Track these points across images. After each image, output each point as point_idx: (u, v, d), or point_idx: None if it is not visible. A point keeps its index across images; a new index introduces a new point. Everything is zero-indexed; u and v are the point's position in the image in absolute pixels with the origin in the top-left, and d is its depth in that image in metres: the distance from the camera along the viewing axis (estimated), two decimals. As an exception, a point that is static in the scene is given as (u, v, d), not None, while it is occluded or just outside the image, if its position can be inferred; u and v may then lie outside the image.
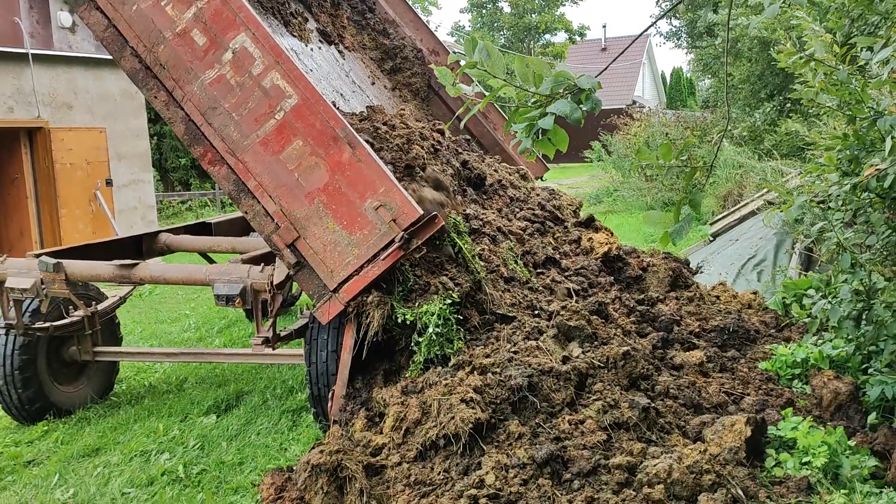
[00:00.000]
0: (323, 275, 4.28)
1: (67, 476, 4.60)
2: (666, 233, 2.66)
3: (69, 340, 5.66)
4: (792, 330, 5.76)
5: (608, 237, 6.16)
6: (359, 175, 4.21)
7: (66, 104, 12.01)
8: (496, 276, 4.86)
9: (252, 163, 4.36)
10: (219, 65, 4.38)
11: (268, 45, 4.33)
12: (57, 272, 5.24)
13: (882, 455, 3.74)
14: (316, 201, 4.27)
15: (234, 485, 4.28)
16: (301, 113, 4.28)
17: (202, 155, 4.48)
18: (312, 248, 4.29)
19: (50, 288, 5.24)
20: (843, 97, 4.25)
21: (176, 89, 4.46)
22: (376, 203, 4.18)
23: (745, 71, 15.29)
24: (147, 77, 4.51)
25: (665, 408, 4.14)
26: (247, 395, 5.85)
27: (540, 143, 2.31)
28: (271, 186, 4.34)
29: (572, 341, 4.43)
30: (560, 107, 2.17)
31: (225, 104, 4.38)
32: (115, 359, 5.90)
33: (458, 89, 2.38)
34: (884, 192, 4.09)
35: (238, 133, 4.37)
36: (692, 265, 6.82)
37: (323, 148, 4.26)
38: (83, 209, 11.93)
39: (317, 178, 4.27)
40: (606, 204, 17.91)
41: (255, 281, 4.82)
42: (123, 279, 5.31)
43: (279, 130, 4.31)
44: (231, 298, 4.81)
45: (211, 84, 4.39)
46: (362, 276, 4.19)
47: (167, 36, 4.43)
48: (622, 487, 3.48)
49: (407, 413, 3.90)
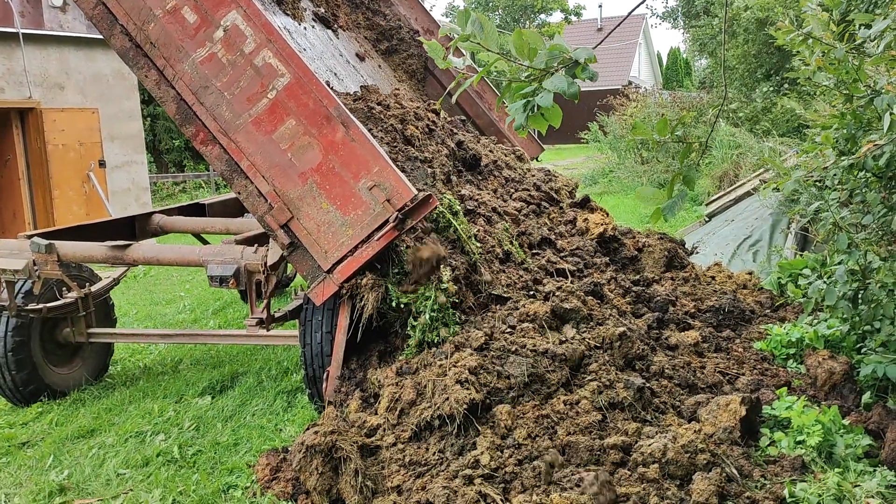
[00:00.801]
0: (317, 255, 4.24)
1: (62, 457, 4.59)
2: (658, 209, 2.63)
3: (63, 322, 5.64)
4: (787, 310, 5.77)
5: (603, 218, 6.14)
6: (352, 155, 4.17)
7: (58, 84, 11.90)
8: (491, 257, 4.85)
9: (244, 142, 4.31)
10: (210, 43, 4.30)
11: (259, 23, 4.25)
12: (49, 253, 5.20)
13: (876, 434, 3.75)
14: (309, 181, 4.23)
15: (229, 466, 4.28)
16: (294, 92, 4.22)
17: (194, 135, 4.41)
18: (306, 228, 4.25)
19: (42, 269, 5.22)
20: (840, 76, 4.22)
21: (167, 68, 4.38)
22: (370, 183, 4.14)
23: (742, 50, 15.22)
24: (137, 55, 4.43)
25: (660, 388, 4.14)
26: (242, 377, 5.85)
27: (533, 118, 2.28)
28: (264, 166, 4.29)
29: (567, 322, 4.42)
30: (556, 83, 2.13)
31: (217, 83, 4.31)
32: (108, 340, 5.87)
33: (449, 63, 2.34)
34: (880, 171, 4.07)
35: (230, 112, 4.31)
36: (688, 246, 6.81)
37: (316, 127, 4.20)
38: (76, 191, 11.86)
39: (310, 157, 4.22)
40: (602, 185, 17.88)
41: (248, 262, 4.80)
42: (116, 260, 5.28)
43: (272, 110, 4.25)
44: (225, 279, 4.77)
45: (202, 62, 4.32)
46: (356, 256, 4.16)
47: (157, 13, 4.35)
48: (617, 467, 3.49)
49: (401, 394, 3.90)
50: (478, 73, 2.31)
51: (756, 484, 3.41)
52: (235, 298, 8.59)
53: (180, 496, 3.97)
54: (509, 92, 2.28)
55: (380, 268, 4.30)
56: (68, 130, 11.88)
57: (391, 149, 5.21)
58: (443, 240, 4.64)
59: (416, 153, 5.34)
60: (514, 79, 2.25)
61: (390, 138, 5.34)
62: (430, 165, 5.37)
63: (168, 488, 4.05)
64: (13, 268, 5.13)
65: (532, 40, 2.20)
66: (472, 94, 7.66)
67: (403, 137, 5.45)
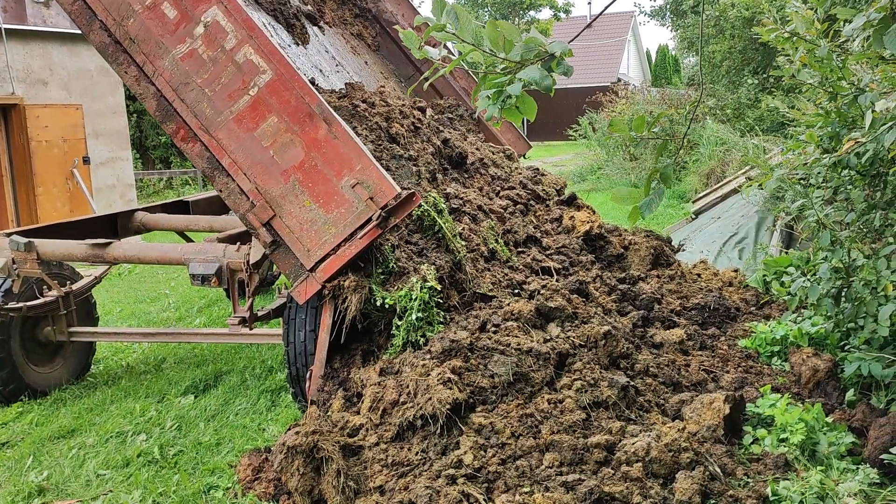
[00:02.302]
0: (300, 254, 4.21)
1: (41, 458, 4.54)
2: (635, 207, 2.61)
3: (44, 321, 5.57)
4: (772, 307, 5.78)
5: (590, 215, 6.12)
6: (335, 152, 4.13)
7: (41, 80, 11.78)
8: (476, 255, 4.82)
9: (226, 140, 4.27)
10: (190, 39, 4.25)
11: (240, 19, 4.20)
12: (28, 251, 5.16)
13: (860, 432, 3.75)
14: (292, 179, 4.19)
15: (211, 466, 4.23)
16: (275, 89, 4.18)
17: (175, 132, 4.36)
18: (288, 226, 4.22)
19: (22, 267, 5.17)
20: (824, 73, 4.21)
21: (147, 64, 4.34)
22: (353, 181, 4.10)
23: (728, 45, 15.24)
24: (117, 51, 4.38)
25: (644, 386, 4.13)
26: (225, 376, 5.80)
27: (507, 110, 2.25)
28: (246, 164, 4.25)
29: (552, 321, 4.40)
30: (530, 73, 2.11)
31: (197, 79, 4.27)
32: (90, 339, 5.81)
33: (424, 52, 2.31)
34: (864, 169, 4.07)
35: (211, 109, 4.26)
36: (674, 243, 6.81)
37: (298, 125, 4.16)
38: (60, 187, 11.75)
39: (292, 155, 4.18)
40: (590, 182, 17.89)
41: (231, 260, 4.76)
42: (97, 259, 5.22)
43: (253, 107, 4.21)
44: (207, 278, 4.75)
45: (182, 59, 4.27)
46: (339, 254, 4.13)
47: (137, 9, 4.30)
48: (600, 466, 3.48)
49: (384, 394, 3.87)
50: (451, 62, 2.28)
51: (739, 482, 3.40)
52: (221, 296, 8.53)
53: (160, 497, 3.92)
54: (484, 84, 2.26)
55: (363, 267, 4.27)
56: (52, 127, 11.76)
57: (375, 147, 5.16)
58: (427, 238, 4.62)
59: (400, 151, 5.29)
60: (489, 71, 2.23)
61: (375, 136, 5.29)
62: (416, 164, 5.33)
63: (148, 489, 4.01)
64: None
65: (508, 32, 2.17)
66: (460, 91, 7.63)
67: (388, 135, 5.41)
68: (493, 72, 2.22)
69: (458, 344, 4.01)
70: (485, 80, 2.23)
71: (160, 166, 22.68)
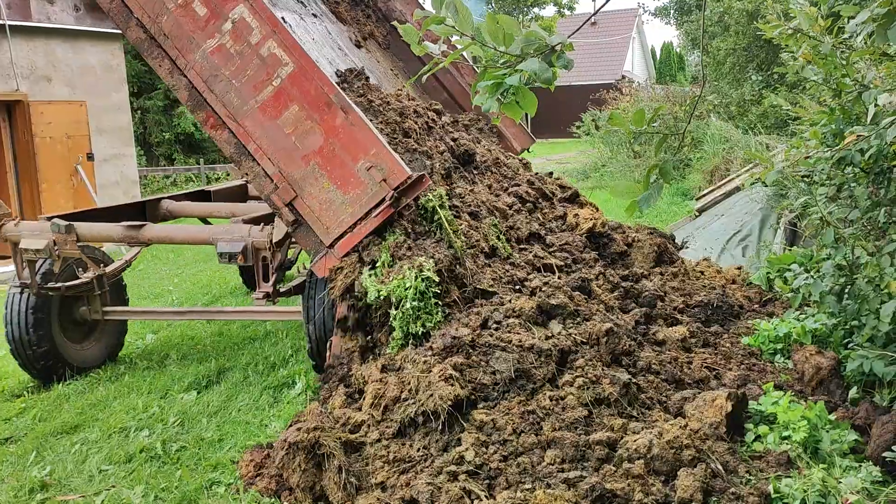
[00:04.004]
0: (319, 232, 4.52)
1: (45, 453, 4.55)
2: (633, 201, 2.60)
3: (79, 301, 5.93)
4: (775, 305, 5.76)
5: (593, 213, 6.11)
6: (351, 138, 4.45)
7: (45, 77, 11.79)
8: (477, 251, 4.82)
9: (252, 127, 4.59)
10: (219, 34, 4.60)
11: (265, 16, 4.54)
12: (69, 234, 5.46)
13: (862, 430, 3.74)
14: (312, 163, 4.51)
15: (213, 462, 4.24)
16: (297, 80, 4.50)
17: (205, 120, 4.71)
18: (309, 206, 4.53)
19: (62, 249, 5.48)
20: (828, 71, 4.20)
21: (179, 58, 4.68)
22: (368, 164, 4.40)
23: (732, 43, 15.18)
24: (152, 46, 4.72)
25: (647, 383, 4.12)
26: (228, 372, 5.81)
27: (507, 105, 2.24)
28: (270, 149, 4.57)
29: (554, 318, 4.39)
30: (530, 65, 2.10)
31: (225, 72, 4.60)
32: (122, 317, 6.16)
33: (424, 48, 2.31)
34: (868, 166, 4.06)
35: (238, 99, 4.60)
36: (678, 241, 6.80)
37: (318, 113, 4.49)
38: (64, 184, 11.76)
39: (312, 141, 4.51)
40: (594, 179, 17.85)
41: (255, 239, 5.07)
42: (132, 240, 5.60)
43: (277, 96, 4.54)
44: (233, 256, 5.08)
45: (212, 53, 4.62)
46: (356, 232, 4.44)
47: (170, 7, 4.64)
48: (602, 463, 3.47)
49: (386, 390, 3.87)
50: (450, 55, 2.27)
51: (741, 479, 3.40)
52: (224, 293, 8.55)
53: (163, 493, 3.93)
54: (484, 79, 2.24)
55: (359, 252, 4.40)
56: (56, 123, 11.77)
57: (390, 140, 5.27)
58: (428, 232, 4.65)
59: (415, 145, 5.45)
60: (489, 65, 2.22)
61: (390, 129, 5.46)
62: (430, 158, 5.40)
63: (150, 485, 4.02)
64: (34, 247, 5.42)
65: (507, 26, 2.16)
66: (466, 87, 7.65)
67: (402, 130, 5.53)
68: (493, 66, 2.21)
69: (460, 341, 4.01)
70: (485, 73, 2.23)
71: (164, 163, 22.70)
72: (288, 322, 7.09)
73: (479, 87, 2.25)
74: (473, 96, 2.34)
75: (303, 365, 5.78)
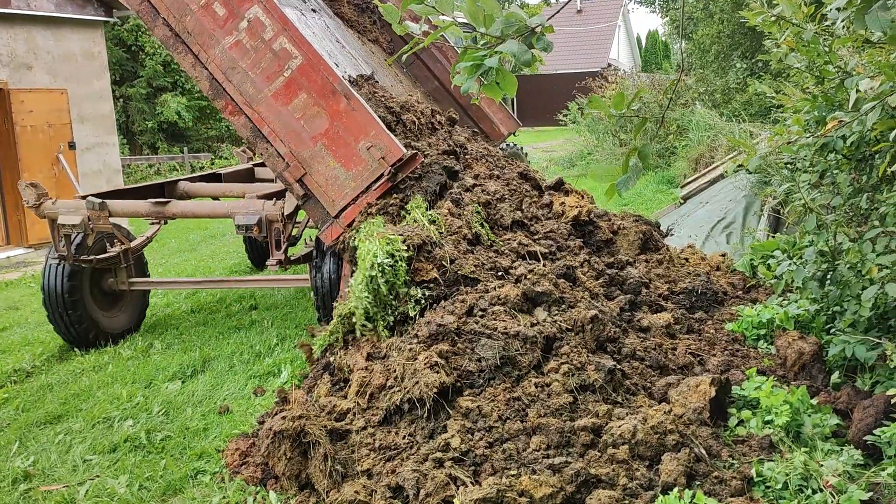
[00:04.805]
0: (326, 204, 5.06)
1: (28, 443, 4.52)
2: (612, 185, 2.61)
3: (108, 273, 6.48)
4: (759, 291, 5.80)
5: (578, 200, 6.11)
6: (353, 121, 4.98)
7: (26, 64, 11.63)
8: (459, 238, 4.84)
9: (265, 113, 5.13)
10: (236, 32, 5.15)
11: (277, 15, 5.09)
12: (102, 210, 5.96)
13: (844, 414, 3.78)
14: (318, 144, 5.04)
15: (199, 451, 4.23)
16: (305, 71, 5.05)
17: (224, 107, 5.24)
18: (317, 182, 5.07)
19: (96, 223, 5.99)
20: (811, 58, 4.21)
21: (201, 53, 5.23)
22: (368, 144, 4.93)
23: (716, 31, 15.20)
24: (177, 43, 5.27)
25: (631, 370, 4.15)
26: (213, 361, 5.79)
27: (487, 87, 2.24)
28: (282, 132, 5.10)
29: (539, 306, 4.40)
30: (509, 46, 2.10)
31: (242, 64, 5.16)
32: (146, 287, 6.74)
33: (405, 27, 2.30)
34: (850, 152, 4.08)
35: (253, 88, 5.15)
36: (663, 228, 6.82)
37: (324, 99, 5.02)
38: (46, 173, 11.62)
39: (319, 124, 5.05)
40: (580, 167, 17.87)
41: (269, 213, 5.60)
42: (158, 215, 6.16)
43: (287, 86, 5.09)
44: (249, 227, 5.61)
45: (230, 48, 5.17)
46: (358, 203, 4.97)
47: (193, 8, 5.19)
48: (587, 449, 3.49)
49: (371, 378, 3.87)
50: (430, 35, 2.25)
51: (724, 464, 3.43)
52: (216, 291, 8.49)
53: (147, 482, 3.92)
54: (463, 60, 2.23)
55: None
56: (37, 111, 11.62)
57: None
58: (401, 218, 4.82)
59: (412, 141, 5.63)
60: (469, 46, 2.21)
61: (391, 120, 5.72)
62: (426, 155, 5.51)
63: (135, 474, 4.00)
64: (71, 223, 5.92)
65: (488, 7, 2.15)
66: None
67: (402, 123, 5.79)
68: (473, 48, 2.20)
69: (445, 328, 4.01)
70: (465, 54, 2.22)
71: (147, 152, 22.48)
72: (273, 311, 7.07)
73: (459, 68, 2.25)
74: (453, 77, 2.33)
75: (288, 354, 5.77)
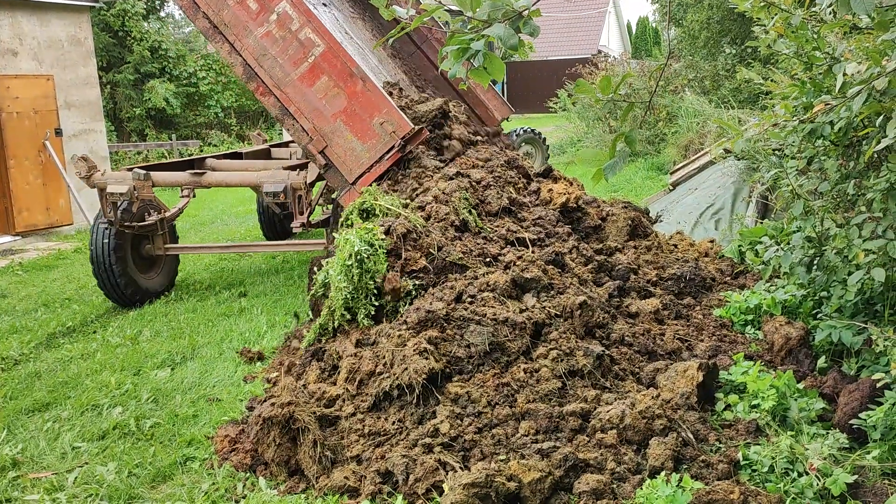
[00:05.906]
0: (345, 172, 5.76)
1: (16, 431, 4.50)
2: (599, 169, 2.61)
3: (146, 239, 7.23)
4: (747, 277, 5.83)
5: (567, 187, 6.11)
6: (368, 100, 5.70)
7: (11, 50, 11.50)
8: (446, 224, 4.84)
9: (292, 94, 5.89)
10: (267, 24, 5.92)
11: (302, 9, 5.89)
12: (146, 180, 6.71)
13: (830, 398, 3.81)
14: (338, 120, 5.77)
15: (188, 438, 4.22)
16: (326, 57, 5.80)
17: (256, 89, 6.02)
18: (336, 153, 5.79)
19: (140, 192, 6.71)
20: (800, 44, 4.21)
21: (236, 42, 6.01)
22: (381, 120, 5.63)
23: (706, 16, 15.17)
24: (215, 34, 6.06)
25: (620, 355, 4.17)
26: (203, 348, 5.77)
27: (474, 71, 2.23)
28: (306, 110, 5.84)
29: (528, 292, 4.41)
30: (495, 30, 2.09)
31: (272, 52, 5.93)
32: (179, 252, 7.53)
33: (392, 12, 2.30)
34: (837, 138, 4.09)
35: (282, 72, 5.91)
36: (652, 214, 6.83)
37: (343, 82, 5.76)
38: (32, 160, 11.52)
39: (338, 103, 5.79)
40: (570, 154, 17.86)
41: (293, 181, 6.35)
42: (196, 184, 6.93)
43: (311, 70, 5.84)
44: (276, 193, 6.32)
45: (262, 37, 5.95)
46: (372, 171, 5.65)
47: (229, 3, 5.98)
48: (576, 433, 3.51)
49: (361, 364, 3.87)
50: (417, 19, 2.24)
51: (711, 448, 3.46)
52: (218, 289, 8.46)
53: (136, 469, 3.91)
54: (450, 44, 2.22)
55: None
56: (23, 98, 11.51)
57: None
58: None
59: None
60: (457, 30, 2.20)
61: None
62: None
63: (124, 461, 3.99)
64: (119, 191, 6.64)
65: (475, -9, 2.14)
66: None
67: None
68: (461, 31, 2.19)
69: (434, 314, 4.01)
70: (451, 38, 2.21)
71: (135, 139, 22.29)
72: (263, 298, 7.06)
73: (446, 52, 2.24)
74: (440, 62, 2.32)
75: (278, 341, 5.76)
